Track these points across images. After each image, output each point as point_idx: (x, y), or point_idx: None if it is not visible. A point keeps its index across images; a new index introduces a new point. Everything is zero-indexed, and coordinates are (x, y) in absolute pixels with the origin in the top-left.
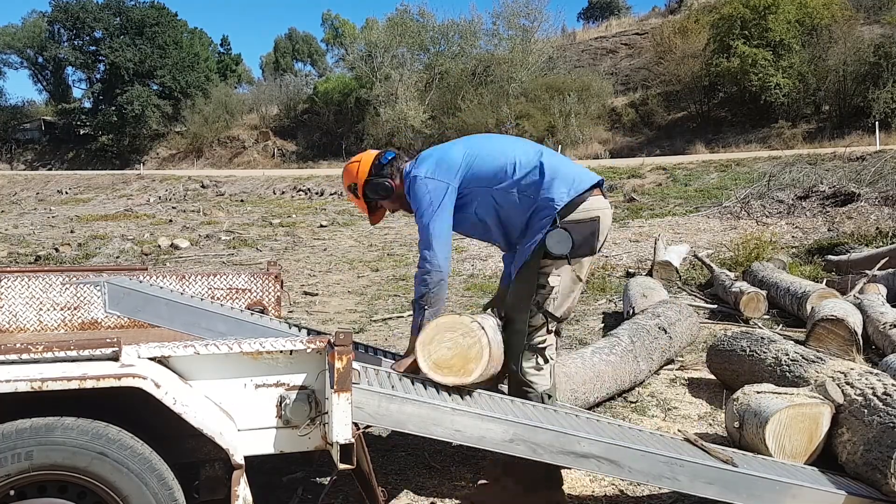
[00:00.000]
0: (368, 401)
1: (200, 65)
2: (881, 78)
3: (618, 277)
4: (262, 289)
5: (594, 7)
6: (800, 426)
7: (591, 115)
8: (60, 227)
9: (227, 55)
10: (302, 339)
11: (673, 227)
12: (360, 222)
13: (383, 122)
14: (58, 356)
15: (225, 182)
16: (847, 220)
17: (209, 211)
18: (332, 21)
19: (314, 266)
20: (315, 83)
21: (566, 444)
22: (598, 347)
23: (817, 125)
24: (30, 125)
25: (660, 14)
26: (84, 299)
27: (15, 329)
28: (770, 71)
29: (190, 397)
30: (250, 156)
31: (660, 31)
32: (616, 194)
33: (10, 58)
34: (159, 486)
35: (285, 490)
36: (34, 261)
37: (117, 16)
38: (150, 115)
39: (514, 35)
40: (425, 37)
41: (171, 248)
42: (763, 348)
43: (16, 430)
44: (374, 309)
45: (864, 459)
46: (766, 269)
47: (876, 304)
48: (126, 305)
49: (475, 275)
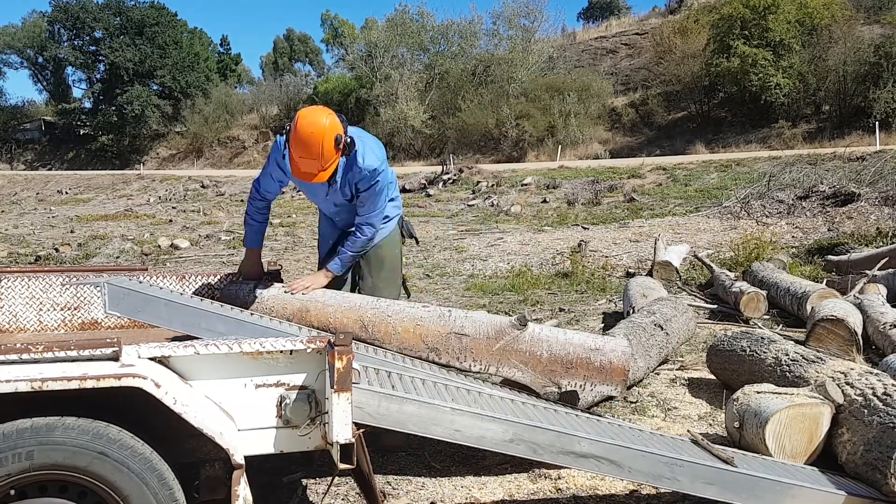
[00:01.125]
0: (368, 400)
1: (200, 65)
2: (881, 78)
3: (618, 277)
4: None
5: (594, 7)
6: (800, 426)
7: (591, 115)
8: (60, 227)
9: (226, 55)
10: (302, 339)
11: (673, 227)
12: None
13: (383, 122)
14: (58, 356)
15: (225, 182)
16: (847, 220)
17: (209, 211)
18: (332, 21)
19: (314, 266)
20: (315, 83)
21: (566, 444)
22: None
23: (817, 125)
24: (30, 125)
25: (660, 14)
26: (84, 299)
27: (15, 329)
28: (770, 71)
29: (190, 397)
30: (250, 156)
31: (660, 31)
32: (616, 194)
33: (10, 58)
34: (159, 485)
35: (285, 490)
36: (34, 261)
37: (117, 16)
38: (150, 115)
39: (514, 35)
40: (425, 37)
41: (171, 248)
42: (763, 348)
43: (16, 430)
44: None
45: (864, 459)
46: (766, 269)
47: (876, 304)
48: (126, 306)
49: (475, 275)
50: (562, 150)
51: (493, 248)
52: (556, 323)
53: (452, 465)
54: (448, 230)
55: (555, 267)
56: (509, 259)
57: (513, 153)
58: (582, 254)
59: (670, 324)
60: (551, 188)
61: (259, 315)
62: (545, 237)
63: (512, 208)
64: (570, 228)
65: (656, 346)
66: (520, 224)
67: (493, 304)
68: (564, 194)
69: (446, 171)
